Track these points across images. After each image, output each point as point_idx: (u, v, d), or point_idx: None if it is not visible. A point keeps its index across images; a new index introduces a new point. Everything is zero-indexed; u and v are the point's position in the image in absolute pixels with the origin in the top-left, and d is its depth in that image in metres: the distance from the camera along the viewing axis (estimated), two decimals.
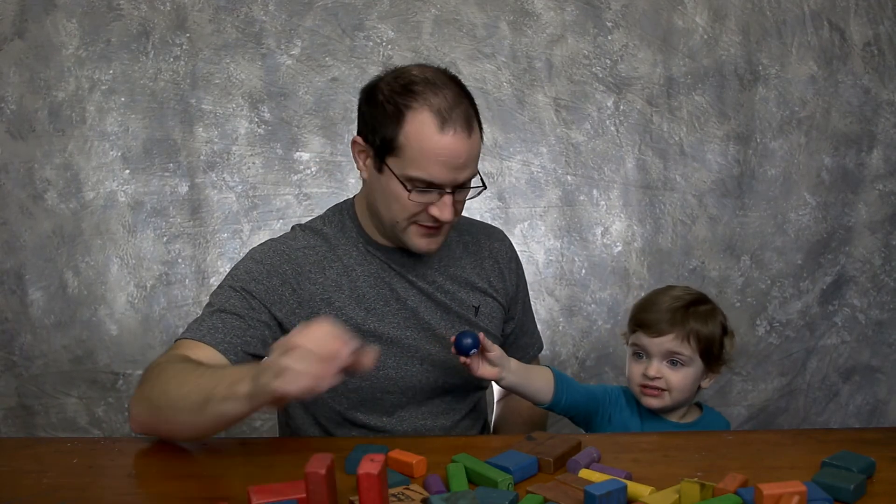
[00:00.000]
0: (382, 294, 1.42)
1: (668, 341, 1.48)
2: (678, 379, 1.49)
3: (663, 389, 1.50)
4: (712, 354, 1.51)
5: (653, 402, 1.52)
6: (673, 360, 1.50)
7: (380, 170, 1.34)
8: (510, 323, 1.60)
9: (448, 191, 1.32)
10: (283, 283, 1.38)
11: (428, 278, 1.45)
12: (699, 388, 1.56)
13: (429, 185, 1.31)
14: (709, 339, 1.50)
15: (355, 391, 1.41)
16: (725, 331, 1.55)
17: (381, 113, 1.32)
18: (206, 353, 1.28)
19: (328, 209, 1.51)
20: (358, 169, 1.41)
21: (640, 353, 1.53)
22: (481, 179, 1.38)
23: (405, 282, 1.44)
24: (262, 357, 1.34)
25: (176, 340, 1.34)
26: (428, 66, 1.37)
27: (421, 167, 1.29)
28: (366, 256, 1.43)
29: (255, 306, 1.35)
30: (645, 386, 1.51)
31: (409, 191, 1.31)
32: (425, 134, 1.28)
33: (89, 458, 1.26)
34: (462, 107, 1.31)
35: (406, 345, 1.43)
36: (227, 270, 2.20)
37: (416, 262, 1.45)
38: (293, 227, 1.49)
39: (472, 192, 1.38)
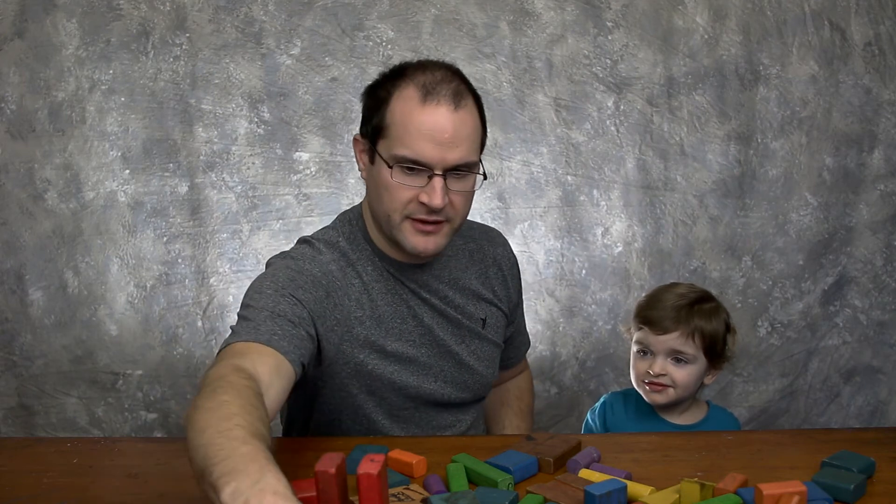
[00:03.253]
0: (400, 312, 1.38)
1: (672, 339, 1.50)
2: (682, 376, 1.51)
3: (668, 385, 1.51)
4: (716, 352, 1.52)
5: (658, 398, 1.53)
6: (677, 357, 1.50)
7: (372, 160, 1.30)
8: (510, 327, 1.59)
9: (438, 173, 1.24)
10: (327, 297, 1.29)
11: (440, 294, 1.42)
12: (702, 384, 1.56)
13: (415, 164, 1.24)
14: (713, 336, 1.51)
15: (384, 399, 1.40)
16: (728, 328, 1.56)
17: (374, 101, 1.30)
18: (274, 359, 1.14)
19: (336, 219, 1.44)
20: (359, 170, 1.36)
21: (644, 351, 1.54)
22: (483, 172, 1.32)
23: (418, 299, 1.39)
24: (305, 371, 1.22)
25: (228, 344, 1.16)
26: (433, 59, 1.34)
27: (405, 143, 1.24)
28: (381, 273, 1.37)
29: (305, 317, 1.23)
30: (650, 382, 1.52)
31: (402, 172, 1.24)
32: (408, 107, 1.24)
33: (89, 458, 1.26)
34: (452, 84, 1.26)
35: (423, 363, 1.40)
36: (227, 270, 2.25)
37: (429, 277, 1.40)
38: (307, 241, 1.39)
39: (470, 183, 1.29)
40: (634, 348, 1.57)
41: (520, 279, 1.59)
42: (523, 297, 1.63)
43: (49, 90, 2.16)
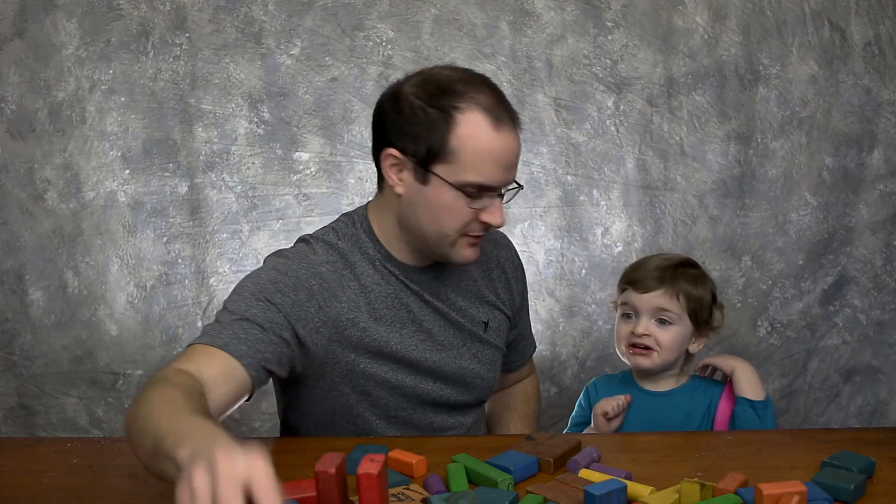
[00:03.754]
0: (400, 315, 1.37)
1: (657, 297, 1.50)
2: (667, 337, 1.50)
3: (652, 348, 1.51)
4: (700, 317, 1.52)
5: (642, 362, 1.53)
6: (661, 318, 1.50)
7: (424, 181, 1.27)
8: (513, 331, 1.59)
9: (500, 194, 1.28)
10: (310, 299, 1.28)
11: (442, 296, 1.41)
12: (688, 352, 1.56)
13: (481, 189, 1.25)
14: (698, 300, 1.51)
15: (380, 400, 1.39)
16: (715, 299, 1.56)
17: (423, 119, 1.24)
18: (225, 363, 1.17)
19: (339, 220, 1.42)
20: (391, 185, 1.30)
21: (628, 314, 1.54)
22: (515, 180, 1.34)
23: (421, 301, 1.39)
24: (276, 374, 1.26)
25: (191, 344, 1.21)
26: (452, 66, 1.33)
27: (477, 170, 1.23)
28: (383, 275, 1.36)
29: (279, 321, 1.24)
30: (633, 345, 1.52)
31: (468, 196, 1.25)
32: (480, 134, 1.23)
33: (89, 458, 1.26)
34: (504, 102, 1.27)
35: (424, 367, 1.39)
36: (227, 270, 2.25)
37: (434, 280, 1.40)
38: (305, 240, 1.38)
39: (511, 194, 1.33)
40: (619, 312, 1.56)
41: (524, 282, 1.59)
42: None
43: (49, 90, 2.16)
